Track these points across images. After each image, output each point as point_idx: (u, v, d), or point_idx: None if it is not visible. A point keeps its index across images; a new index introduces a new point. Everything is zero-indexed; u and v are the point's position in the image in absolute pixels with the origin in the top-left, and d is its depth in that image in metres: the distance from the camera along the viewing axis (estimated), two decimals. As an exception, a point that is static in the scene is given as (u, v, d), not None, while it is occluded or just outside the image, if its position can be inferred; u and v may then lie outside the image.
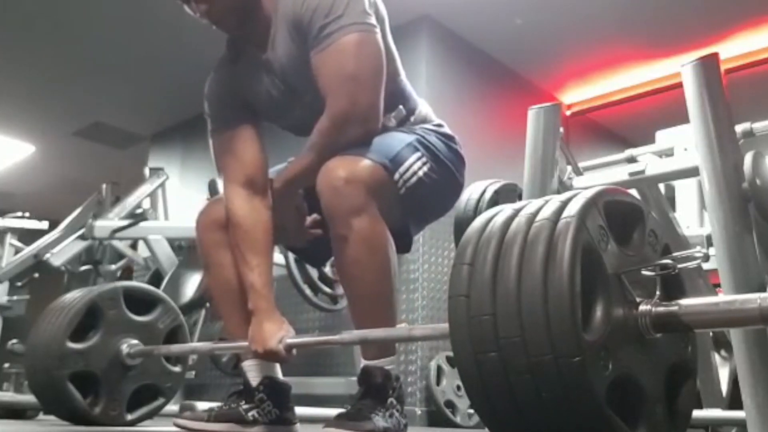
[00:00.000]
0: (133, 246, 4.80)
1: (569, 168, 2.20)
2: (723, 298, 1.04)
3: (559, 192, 2.02)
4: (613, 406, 0.93)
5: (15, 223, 5.06)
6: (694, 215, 2.76)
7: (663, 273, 1.05)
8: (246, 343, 1.73)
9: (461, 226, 2.39)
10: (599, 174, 2.30)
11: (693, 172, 1.85)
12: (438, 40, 4.43)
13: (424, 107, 1.89)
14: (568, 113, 5.30)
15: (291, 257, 3.28)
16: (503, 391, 0.96)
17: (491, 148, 4.11)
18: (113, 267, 4.73)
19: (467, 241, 1.04)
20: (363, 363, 1.62)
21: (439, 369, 3.71)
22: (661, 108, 4.50)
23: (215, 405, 1.78)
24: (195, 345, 2.78)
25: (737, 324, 1.24)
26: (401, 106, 1.80)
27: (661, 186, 2.29)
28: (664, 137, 2.90)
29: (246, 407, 1.74)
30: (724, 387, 2.26)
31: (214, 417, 1.71)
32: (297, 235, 1.84)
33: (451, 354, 3.38)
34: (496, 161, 3.75)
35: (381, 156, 1.61)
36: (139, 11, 4.36)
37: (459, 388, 3.64)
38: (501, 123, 4.47)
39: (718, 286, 1.82)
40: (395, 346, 1.66)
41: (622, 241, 1.05)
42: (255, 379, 1.78)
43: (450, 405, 3.64)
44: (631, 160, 2.38)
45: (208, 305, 3.74)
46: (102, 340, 2.09)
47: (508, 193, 2.47)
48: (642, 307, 1.02)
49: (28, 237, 4.92)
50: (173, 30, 1.70)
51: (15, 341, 4.16)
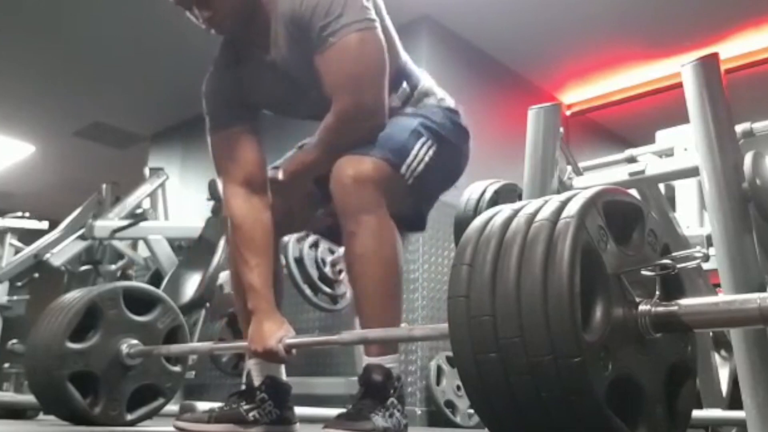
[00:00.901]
0: (133, 246, 4.80)
1: (569, 168, 2.20)
2: (723, 298, 1.04)
3: (559, 192, 2.02)
4: (613, 406, 0.93)
5: (15, 223, 5.07)
6: (694, 215, 2.76)
7: (663, 273, 1.05)
8: (245, 344, 1.73)
9: (461, 226, 2.39)
10: (599, 174, 2.30)
11: (693, 172, 1.85)
12: (438, 40, 4.43)
13: (426, 81, 1.89)
14: (568, 113, 5.31)
15: (291, 257, 3.28)
16: (503, 392, 0.96)
17: (491, 148, 4.11)
18: (113, 267, 4.73)
19: (467, 242, 1.04)
20: (365, 361, 1.62)
21: (439, 369, 3.71)
22: (661, 108, 4.51)
23: (216, 405, 1.78)
24: (195, 345, 2.78)
25: (737, 324, 1.24)
26: (404, 84, 1.81)
27: (661, 186, 2.29)
28: (664, 137, 2.90)
29: (247, 407, 1.74)
30: (724, 387, 2.26)
31: (214, 418, 1.72)
32: (306, 223, 1.87)
33: (451, 354, 3.37)
34: (496, 161, 3.74)
35: (387, 152, 1.65)
36: (140, 11, 4.37)
37: (459, 388, 3.65)
38: (501, 123, 4.47)
39: (717, 286, 1.82)
40: (397, 345, 1.67)
41: (621, 241, 1.05)
42: (257, 379, 1.78)
43: (450, 405, 3.65)
44: (631, 160, 2.38)
45: (207, 305, 3.74)
46: (102, 340, 2.09)
47: (507, 193, 2.47)
48: (642, 307, 1.02)
49: (28, 237, 4.93)
50: (173, 30, 1.71)
51: (15, 341, 4.17)
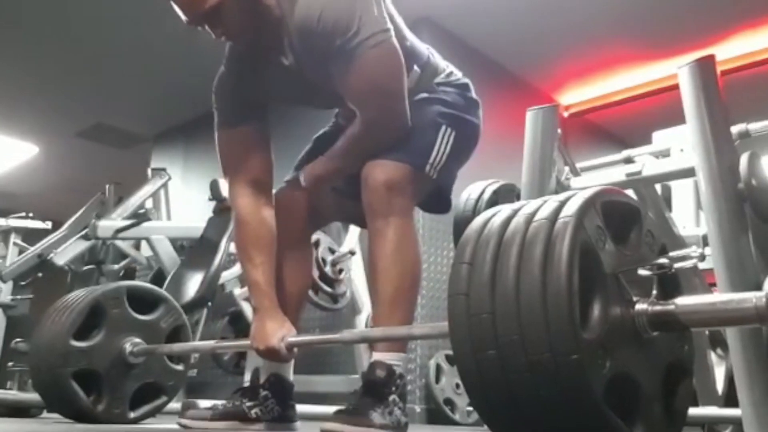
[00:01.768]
0: (136, 246, 4.81)
1: (567, 168, 2.21)
2: (719, 297, 1.05)
3: (557, 192, 2.03)
4: (611, 403, 0.94)
5: (19, 223, 5.07)
6: (690, 215, 2.77)
7: (660, 272, 1.06)
8: (247, 342, 1.75)
9: (460, 226, 2.41)
10: (596, 174, 2.31)
11: (689, 172, 1.86)
12: (438, 41, 4.41)
13: (432, 56, 1.91)
14: (565, 114, 5.31)
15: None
16: (502, 389, 0.96)
17: (490, 148, 4.09)
18: (116, 267, 4.74)
19: (466, 241, 1.05)
20: (372, 357, 1.65)
21: (439, 367, 3.72)
22: (658, 109, 4.52)
23: (219, 403, 1.80)
24: (197, 344, 2.79)
25: (733, 323, 1.25)
26: (415, 66, 1.83)
27: (658, 186, 2.30)
28: (660, 138, 2.92)
29: (249, 405, 1.75)
30: (720, 385, 2.27)
31: (217, 415, 1.73)
32: (333, 215, 1.96)
33: (451, 352, 3.39)
34: (494, 162, 3.74)
35: (411, 155, 1.72)
36: (142, 12, 4.37)
37: (458, 386, 3.66)
38: (499, 124, 4.47)
39: (714, 285, 1.83)
40: (406, 344, 1.70)
41: (619, 241, 1.06)
42: (263, 376, 1.80)
43: (449, 403, 3.66)
44: (628, 160, 2.40)
45: (209, 304, 3.76)
46: (105, 338, 2.10)
47: (506, 194, 2.48)
48: (639, 306, 1.02)
49: (31, 237, 4.94)
50: (176, 31, 1.72)
51: (19, 340, 4.18)
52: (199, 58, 2.16)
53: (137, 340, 2.15)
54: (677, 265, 1.08)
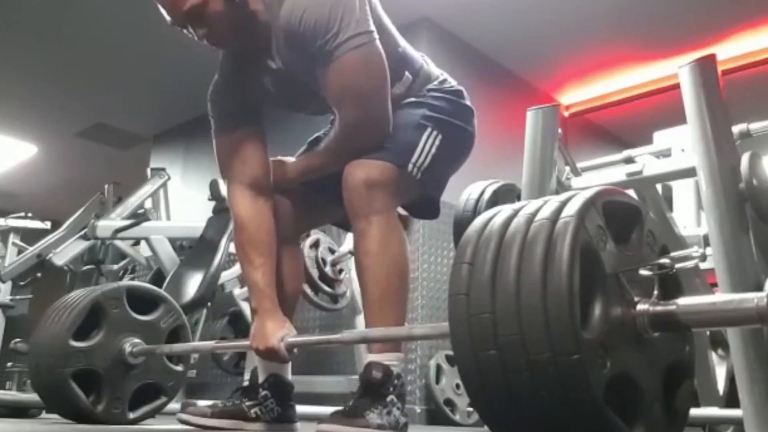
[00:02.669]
0: (135, 246, 4.81)
1: (567, 168, 2.21)
2: (720, 297, 1.05)
3: (558, 192, 2.03)
4: (611, 404, 0.93)
5: (18, 223, 5.09)
6: (691, 215, 2.77)
7: (661, 272, 1.05)
8: (247, 342, 1.75)
9: (460, 226, 2.40)
10: (597, 174, 2.31)
11: (690, 172, 1.86)
12: (437, 41, 4.45)
13: (426, 64, 1.91)
14: (566, 114, 5.32)
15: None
16: (502, 389, 0.96)
17: (490, 148, 4.11)
18: (115, 267, 4.75)
19: (467, 241, 1.05)
20: (368, 358, 1.64)
21: (439, 368, 3.72)
22: (659, 109, 4.53)
23: (219, 402, 1.80)
24: (197, 344, 2.79)
25: (734, 323, 1.25)
26: (407, 72, 1.83)
27: (659, 186, 2.30)
28: (661, 138, 2.91)
29: (249, 404, 1.76)
30: (721, 386, 2.26)
31: (216, 413, 1.74)
32: (321, 219, 2.04)
33: (451, 353, 3.38)
34: (495, 162, 3.76)
35: (393, 153, 1.71)
36: (141, 12, 4.37)
37: (458, 386, 3.66)
38: (500, 124, 4.48)
39: (715, 285, 1.83)
40: (401, 344, 1.69)
41: (620, 241, 1.05)
42: (261, 376, 1.80)
43: (449, 403, 3.66)
44: (629, 160, 2.39)
45: (209, 304, 3.76)
46: (105, 338, 2.10)
47: (506, 194, 2.48)
48: (640, 307, 1.02)
49: (31, 237, 4.95)
50: (175, 31, 1.71)
51: (18, 340, 4.18)
52: (199, 58, 2.15)
53: (137, 340, 2.14)
54: (678, 266, 1.08)
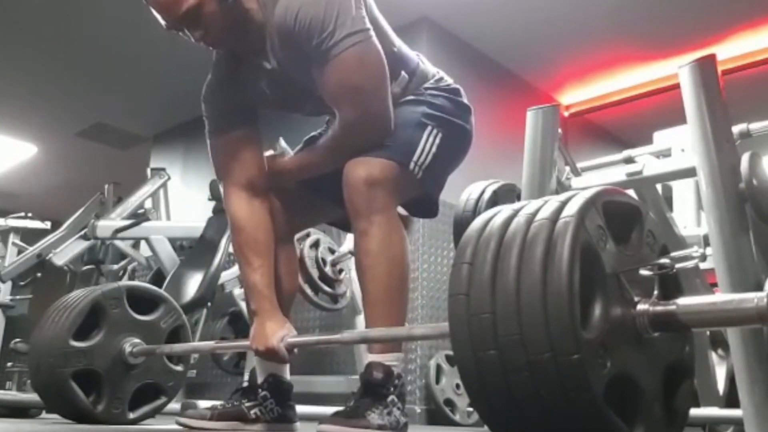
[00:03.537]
0: (135, 246, 4.82)
1: (567, 168, 2.21)
2: (720, 297, 1.04)
3: (558, 192, 2.03)
4: (612, 404, 0.93)
5: (18, 223, 5.09)
6: (691, 215, 2.77)
7: (661, 272, 1.05)
8: (247, 343, 1.75)
9: (460, 226, 2.40)
10: (597, 174, 2.31)
11: (690, 172, 1.85)
12: (437, 41, 4.45)
13: (422, 63, 1.91)
14: (566, 114, 5.32)
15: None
16: (502, 389, 0.96)
17: (490, 148, 4.12)
18: (115, 267, 4.75)
19: (467, 241, 1.04)
20: (368, 359, 1.64)
21: (439, 368, 3.72)
22: (659, 109, 4.53)
23: (218, 403, 1.80)
24: (197, 344, 2.79)
25: (734, 323, 1.25)
26: (403, 72, 1.83)
27: (659, 186, 2.30)
28: (661, 138, 2.91)
29: (248, 405, 1.76)
30: (721, 385, 2.26)
31: (216, 415, 1.73)
32: (316, 218, 2.03)
33: (451, 353, 3.38)
34: (494, 162, 3.76)
35: (394, 152, 1.70)
36: (141, 12, 4.37)
37: (458, 386, 3.66)
38: (500, 124, 4.48)
39: (715, 285, 1.83)
40: (401, 344, 1.69)
41: (620, 241, 1.05)
42: (261, 376, 1.80)
43: (449, 403, 3.66)
44: (629, 160, 2.39)
45: (209, 304, 3.76)
46: (105, 338, 2.10)
47: (506, 194, 2.48)
48: (640, 307, 1.02)
49: (31, 237, 4.95)
50: (174, 32, 1.71)
51: (18, 340, 4.18)
52: (199, 58, 2.15)
53: (137, 340, 2.14)
54: (678, 266, 1.08)
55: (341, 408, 1.58)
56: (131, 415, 2.14)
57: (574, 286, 0.92)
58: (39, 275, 4.59)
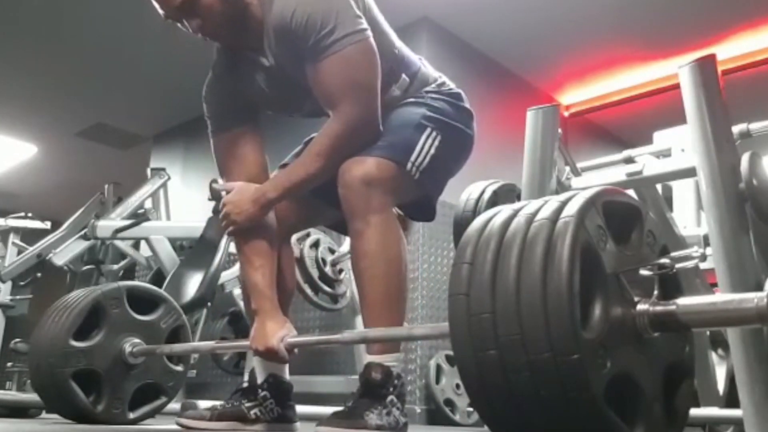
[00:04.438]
0: (135, 246, 4.82)
1: (567, 168, 2.21)
2: (720, 297, 1.04)
3: (558, 192, 2.03)
4: (612, 404, 0.93)
5: (18, 223, 5.08)
6: (691, 215, 2.77)
7: (661, 272, 1.05)
8: (247, 343, 1.74)
9: (460, 226, 2.40)
10: (597, 174, 2.31)
11: (690, 172, 1.86)
12: (437, 41, 4.45)
13: (423, 66, 1.91)
14: (566, 114, 5.32)
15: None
16: (502, 389, 0.96)
17: (490, 148, 4.12)
18: (116, 267, 4.75)
19: (467, 241, 1.04)
20: (366, 359, 1.64)
21: (439, 368, 3.72)
22: (659, 109, 4.53)
23: (218, 403, 1.80)
24: (197, 344, 2.79)
25: (734, 323, 1.24)
26: (403, 74, 1.83)
27: (659, 186, 2.30)
28: (661, 138, 2.91)
29: (248, 405, 1.75)
30: (721, 385, 2.26)
31: (216, 415, 1.73)
32: (312, 220, 1.97)
33: (451, 353, 3.38)
34: (494, 162, 3.76)
35: (391, 150, 1.68)
36: (141, 12, 4.37)
37: (458, 386, 3.66)
38: (500, 124, 4.48)
39: (715, 285, 1.83)
40: (399, 344, 1.68)
41: (620, 241, 1.05)
42: (260, 376, 1.80)
43: (449, 403, 3.66)
44: (629, 160, 2.39)
45: (209, 304, 3.76)
46: (105, 338, 2.10)
47: (506, 194, 2.48)
48: (640, 307, 1.02)
49: (30, 237, 4.94)
50: (176, 31, 1.72)
51: (18, 340, 4.18)
52: (199, 59, 2.15)
53: (137, 340, 2.14)
54: (678, 266, 1.08)
55: (340, 408, 1.58)
56: (131, 415, 2.14)
57: (574, 286, 0.92)
58: (39, 275, 4.59)
